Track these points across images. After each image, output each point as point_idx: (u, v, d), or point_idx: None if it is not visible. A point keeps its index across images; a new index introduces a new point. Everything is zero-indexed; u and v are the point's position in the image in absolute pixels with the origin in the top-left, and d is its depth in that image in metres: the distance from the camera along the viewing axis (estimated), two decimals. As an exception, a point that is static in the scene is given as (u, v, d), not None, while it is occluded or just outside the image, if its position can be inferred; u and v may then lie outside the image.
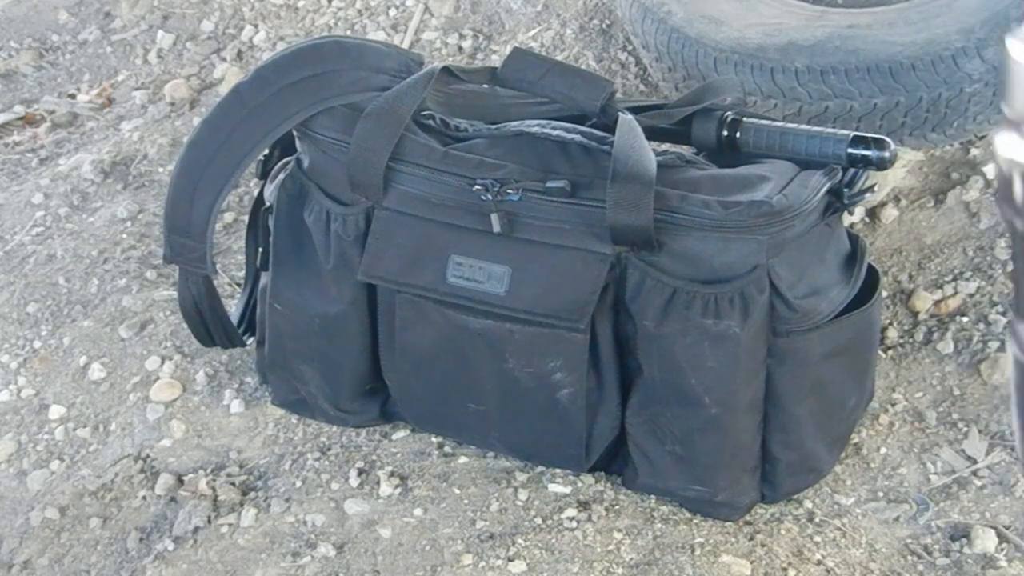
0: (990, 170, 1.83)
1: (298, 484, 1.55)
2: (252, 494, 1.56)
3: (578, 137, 1.42)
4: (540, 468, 1.56)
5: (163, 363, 1.75)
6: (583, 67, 2.09)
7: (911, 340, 1.72)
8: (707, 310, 1.37)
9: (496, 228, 1.41)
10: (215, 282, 1.64)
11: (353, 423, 1.64)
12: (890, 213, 1.84)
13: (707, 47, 1.86)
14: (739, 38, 1.85)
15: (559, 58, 2.15)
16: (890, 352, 1.71)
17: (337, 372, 1.58)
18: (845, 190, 1.42)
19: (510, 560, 1.42)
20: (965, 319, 1.72)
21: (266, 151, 1.59)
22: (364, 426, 1.64)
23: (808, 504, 1.53)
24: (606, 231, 1.37)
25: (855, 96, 1.78)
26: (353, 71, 1.51)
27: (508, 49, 1.95)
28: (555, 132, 1.43)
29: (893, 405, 1.65)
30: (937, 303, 1.75)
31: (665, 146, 1.56)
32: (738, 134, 1.49)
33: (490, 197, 1.41)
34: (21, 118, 2.40)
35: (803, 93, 1.80)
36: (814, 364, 1.43)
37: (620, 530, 1.47)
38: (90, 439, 1.68)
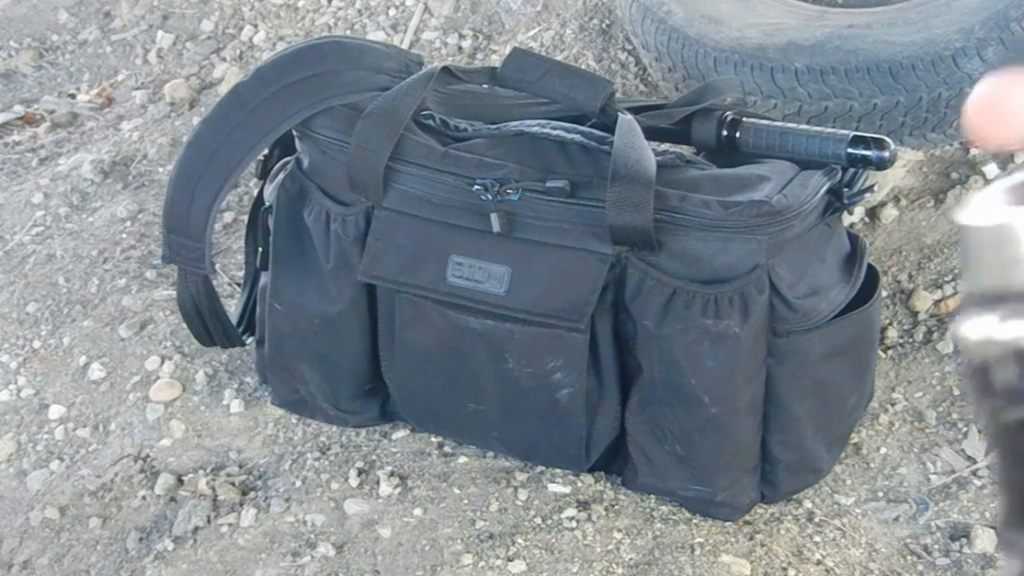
0: (990, 170, 1.83)
1: (298, 484, 1.55)
2: (252, 494, 1.56)
3: (578, 137, 1.42)
4: (540, 468, 1.56)
5: (163, 363, 1.75)
6: (583, 67, 2.09)
7: (911, 340, 1.72)
8: (707, 310, 1.36)
9: (496, 228, 1.41)
10: (214, 282, 1.64)
11: (353, 423, 1.63)
12: (890, 213, 1.84)
13: (707, 47, 1.86)
14: (739, 38, 1.84)
15: (559, 58, 2.15)
16: (890, 352, 1.71)
17: (337, 372, 1.58)
18: (845, 190, 1.42)
19: (510, 560, 1.42)
20: (965, 319, 1.71)
21: (266, 151, 1.59)
22: (364, 426, 1.64)
23: (808, 504, 1.53)
24: (606, 231, 1.37)
25: (855, 96, 1.77)
26: (353, 71, 1.51)
27: (508, 49, 1.95)
28: (555, 132, 1.43)
29: (893, 405, 1.64)
30: (937, 303, 1.75)
31: (665, 146, 1.56)
32: (738, 134, 1.48)
33: (490, 197, 1.41)
34: (21, 118, 2.40)
35: (803, 93, 1.79)
36: (814, 364, 1.43)
37: (620, 530, 1.46)
38: (90, 439, 1.68)
